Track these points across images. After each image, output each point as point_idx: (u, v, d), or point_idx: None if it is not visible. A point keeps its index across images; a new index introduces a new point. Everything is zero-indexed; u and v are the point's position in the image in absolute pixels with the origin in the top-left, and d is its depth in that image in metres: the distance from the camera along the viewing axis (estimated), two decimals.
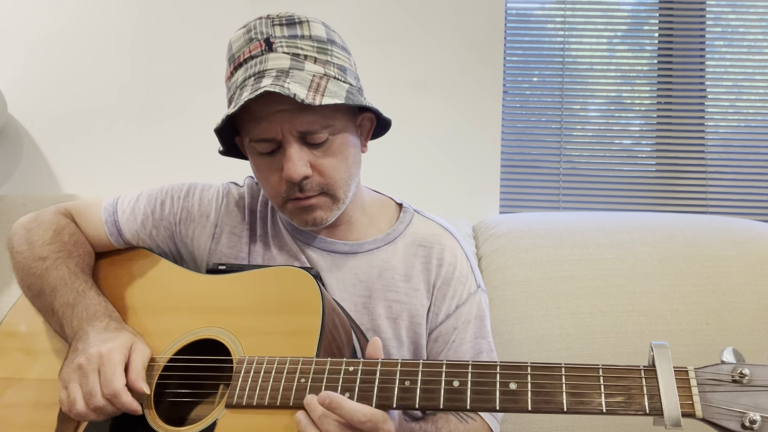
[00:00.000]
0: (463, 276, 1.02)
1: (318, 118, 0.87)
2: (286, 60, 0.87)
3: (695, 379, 0.67)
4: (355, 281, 0.99)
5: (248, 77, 0.88)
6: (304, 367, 0.79)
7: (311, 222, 0.94)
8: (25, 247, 0.98)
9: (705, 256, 1.43)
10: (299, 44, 0.88)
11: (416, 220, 1.06)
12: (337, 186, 0.92)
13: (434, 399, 0.74)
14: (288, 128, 0.87)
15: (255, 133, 0.89)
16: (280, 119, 0.86)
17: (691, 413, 0.66)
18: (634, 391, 0.68)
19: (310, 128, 0.87)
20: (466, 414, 0.95)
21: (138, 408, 0.82)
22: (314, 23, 0.91)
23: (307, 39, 0.89)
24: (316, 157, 0.90)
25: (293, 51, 0.88)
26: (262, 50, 0.88)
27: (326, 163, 0.90)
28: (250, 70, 0.88)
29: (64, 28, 1.83)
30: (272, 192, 0.93)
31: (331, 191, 0.92)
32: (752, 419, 0.63)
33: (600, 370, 0.71)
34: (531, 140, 1.91)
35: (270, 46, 0.88)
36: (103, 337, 0.84)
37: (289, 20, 0.89)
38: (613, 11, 1.92)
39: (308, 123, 0.87)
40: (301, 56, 0.88)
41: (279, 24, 0.89)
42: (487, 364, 0.74)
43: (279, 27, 0.89)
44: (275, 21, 0.89)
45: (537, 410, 0.70)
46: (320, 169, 0.90)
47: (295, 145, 0.88)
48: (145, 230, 1.04)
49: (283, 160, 0.89)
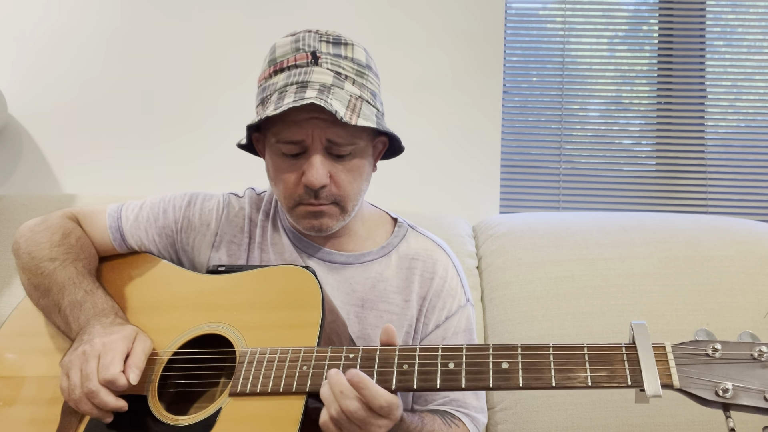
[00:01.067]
0: (452, 289, 1.06)
1: (347, 134, 0.93)
2: (329, 77, 0.93)
3: (672, 353, 0.73)
4: (349, 290, 1.03)
5: (290, 84, 0.92)
6: (305, 355, 0.82)
7: (317, 227, 0.98)
8: (33, 248, 1.02)
9: (705, 256, 1.43)
10: (342, 64, 0.94)
11: (410, 234, 1.10)
12: (348, 199, 0.97)
13: (431, 380, 0.78)
14: (318, 135, 0.92)
15: (285, 135, 0.93)
16: (314, 126, 0.91)
17: (669, 384, 0.71)
18: (616, 366, 0.74)
19: (338, 140, 0.92)
20: (451, 420, 0.98)
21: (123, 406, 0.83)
22: (357, 47, 0.97)
23: (349, 60, 0.95)
24: (335, 170, 0.95)
25: (336, 69, 0.94)
26: (308, 62, 0.93)
27: (343, 177, 0.95)
28: (294, 78, 0.93)
29: (65, 28, 1.83)
30: (286, 193, 0.97)
31: (342, 203, 0.97)
32: (725, 388, 0.69)
33: (585, 348, 0.76)
34: (531, 140, 1.91)
35: (316, 60, 0.93)
36: (108, 330, 0.88)
37: (335, 40, 0.96)
38: (613, 11, 1.92)
39: (339, 135, 0.92)
40: (342, 75, 0.94)
41: (326, 41, 0.95)
42: (481, 347, 0.79)
43: (326, 44, 0.95)
44: (323, 37, 0.95)
45: (527, 387, 0.75)
46: (337, 181, 0.95)
47: (320, 152, 0.93)
48: (148, 237, 1.07)
49: (305, 165, 0.93)
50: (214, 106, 1.83)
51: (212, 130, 1.82)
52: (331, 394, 0.77)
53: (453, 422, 0.98)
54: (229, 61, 1.83)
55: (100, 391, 0.82)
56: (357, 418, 0.75)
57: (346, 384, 0.76)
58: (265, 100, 0.95)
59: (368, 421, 0.76)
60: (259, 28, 1.82)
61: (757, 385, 0.69)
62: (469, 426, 1.00)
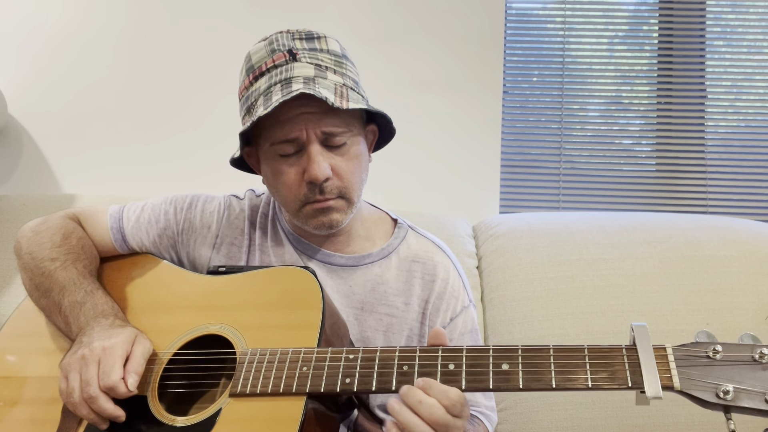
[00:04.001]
0: (455, 290, 1.06)
1: (340, 122, 0.92)
2: (311, 69, 0.93)
3: (672, 355, 0.73)
4: (348, 293, 1.03)
5: (274, 84, 0.92)
6: (305, 356, 0.82)
7: (327, 224, 0.97)
8: (34, 248, 1.02)
9: (705, 256, 1.43)
10: (319, 56, 0.94)
11: (410, 236, 1.09)
12: (352, 189, 0.97)
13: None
14: (312, 128, 0.91)
15: (279, 135, 0.92)
16: (305, 120, 0.91)
17: (669, 386, 0.71)
18: (617, 368, 0.74)
19: (333, 130, 0.92)
20: (472, 419, 0.99)
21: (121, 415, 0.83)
22: (330, 39, 0.97)
23: (325, 53, 0.95)
24: (335, 161, 0.94)
25: (315, 62, 0.94)
26: (286, 60, 0.93)
27: (344, 167, 0.94)
28: (276, 78, 0.92)
29: (65, 28, 1.83)
30: (291, 196, 0.96)
31: (347, 194, 0.96)
32: (726, 390, 0.69)
33: (585, 349, 0.76)
34: (531, 140, 1.91)
35: (294, 56, 0.93)
36: (107, 333, 0.88)
37: (308, 35, 0.96)
38: (613, 11, 1.92)
39: (332, 125, 0.92)
40: (323, 67, 0.94)
41: (299, 38, 0.95)
42: (481, 348, 0.79)
43: (299, 41, 0.95)
44: (295, 35, 0.95)
45: (527, 388, 0.75)
46: (338, 172, 0.94)
47: (317, 146, 0.92)
48: (149, 238, 1.08)
49: (305, 162, 0.92)
50: (215, 107, 1.83)
51: (213, 131, 1.82)
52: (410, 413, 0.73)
53: (474, 421, 0.99)
54: (230, 61, 1.83)
55: (99, 397, 0.82)
56: (442, 424, 0.73)
57: (420, 393, 0.74)
58: (251, 107, 0.95)
59: (451, 424, 0.74)
60: (261, 30, 1.81)
61: (758, 387, 0.69)
62: (487, 424, 1.01)
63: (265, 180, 1.00)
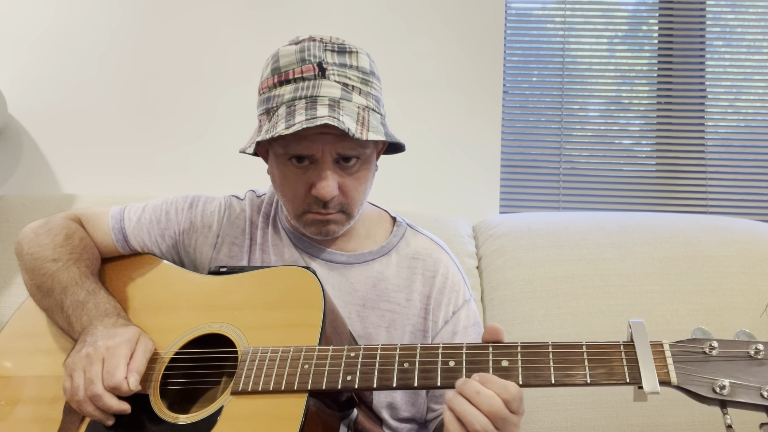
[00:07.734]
0: (456, 284, 1.07)
1: (355, 146, 0.94)
2: (338, 89, 0.93)
3: (669, 351, 0.74)
4: (350, 290, 1.04)
5: (299, 98, 0.92)
6: (307, 354, 0.83)
7: (324, 233, 1.00)
8: (36, 248, 1.02)
9: (705, 256, 1.43)
10: (348, 74, 0.94)
11: (409, 233, 1.11)
12: (354, 206, 0.99)
13: (432, 378, 0.78)
14: (329, 150, 0.93)
15: (295, 148, 0.93)
16: (323, 141, 0.92)
17: (666, 381, 0.72)
18: (615, 364, 0.75)
19: (349, 153, 0.94)
20: None
21: (126, 408, 0.84)
22: (361, 54, 0.97)
23: (354, 69, 0.95)
24: (343, 179, 0.96)
25: (343, 81, 0.94)
26: (315, 74, 0.93)
27: (351, 185, 0.97)
28: (302, 92, 0.92)
29: (65, 28, 1.83)
30: (294, 201, 0.98)
31: (348, 210, 0.99)
32: (722, 385, 0.70)
33: (584, 346, 0.77)
34: (531, 140, 1.91)
35: (323, 72, 0.93)
36: (111, 332, 0.88)
37: (340, 48, 0.95)
38: (613, 11, 1.92)
39: (348, 148, 0.93)
40: (350, 86, 0.94)
41: (331, 50, 0.94)
42: (480, 345, 0.79)
43: (331, 53, 0.94)
44: (327, 46, 0.95)
45: (527, 384, 0.75)
46: (344, 190, 0.96)
47: (330, 165, 0.94)
48: (150, 238, 1.08)
49: (315, 177, 0.94)
50: (216, 107, 1.83)
51: (213, 131, 1.82)
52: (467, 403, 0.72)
53: None
54: (230, 61, 1.83)
55: (104, 395, 0.83)
56: (500, 417, 0.72)
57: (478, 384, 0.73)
58: (270, 111, 0.95)
59: (509, 419, 0.73)
60: (260, 28, 1.83)
61: (753, 382, 0.69)
62: None
63: (271, 176, 1.02)
